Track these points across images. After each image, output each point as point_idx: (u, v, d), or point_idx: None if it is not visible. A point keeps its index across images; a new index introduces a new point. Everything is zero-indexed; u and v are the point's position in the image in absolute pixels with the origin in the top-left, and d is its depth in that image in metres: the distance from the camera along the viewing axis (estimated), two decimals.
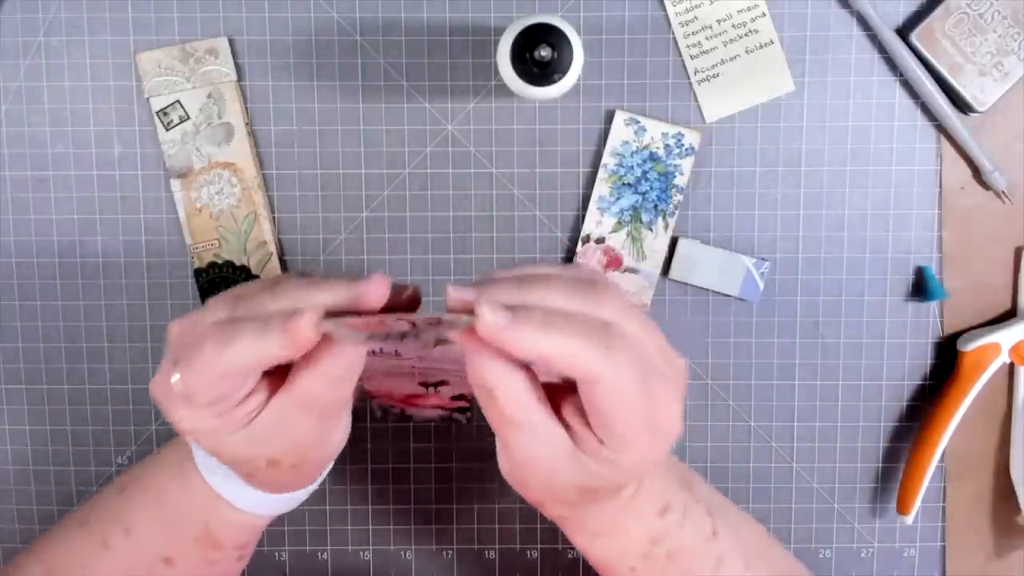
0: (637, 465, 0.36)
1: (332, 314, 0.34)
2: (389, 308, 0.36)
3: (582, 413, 0.36)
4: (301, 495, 0.45)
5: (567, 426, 0.36)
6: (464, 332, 0.33)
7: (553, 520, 0.42)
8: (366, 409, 0.59)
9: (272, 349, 0.33)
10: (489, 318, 0.32)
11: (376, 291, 0.35)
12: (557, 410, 0.36)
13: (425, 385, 0.42)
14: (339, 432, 0.40)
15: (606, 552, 0.42)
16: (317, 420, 0.37)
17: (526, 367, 0.35)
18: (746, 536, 0.45)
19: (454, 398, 0.43)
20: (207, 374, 0.34)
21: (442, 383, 0.41)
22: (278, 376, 0.37)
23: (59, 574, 0.45)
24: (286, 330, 0.33)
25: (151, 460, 0.47)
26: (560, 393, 0.37)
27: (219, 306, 0.37)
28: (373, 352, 0.37)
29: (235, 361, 0.34)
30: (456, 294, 0.34)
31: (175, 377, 0.35)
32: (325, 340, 0.34)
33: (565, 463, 0.36)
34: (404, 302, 0.38)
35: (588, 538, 0.42)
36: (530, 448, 0.36)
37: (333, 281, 0.36)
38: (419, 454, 0.60)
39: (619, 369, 0.33)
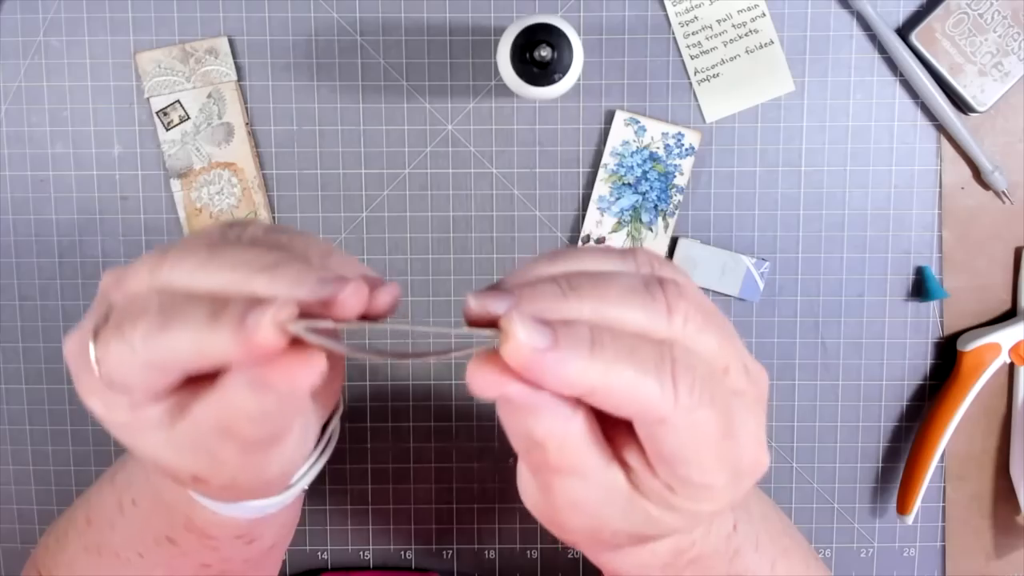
0: (715, 512, 0.30)
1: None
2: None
3: (637, 445, 0.29)
4: (273, 503, 0.38)
5: (625, 465, 0.29)
6: (486, 358, 0.25)
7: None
8: (365, 408, 0.59)
9: (218, 348, 0.25)
10: (522, 336, 0.24)
11: (353, 302, 0.26)
12: (610, 441, 0.29)
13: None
14: (282, 458, 0.31)
15: (627, 566, 0.37)
16: (240, 451, 0.29)
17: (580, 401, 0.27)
18: (755, 515, 0.42)
19: None
20: (131, 357, 0.27)
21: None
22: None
23: (95, 523, 0.43)
24: (242, 328, 0.25)
25: None
26: (612, 419, 0.29)
27: (162, 264, 0.28)
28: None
29: (169, 352, 0.26)
30: (478, 303, 0.26)
31: (92, 350, 0.28)
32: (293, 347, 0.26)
33: (620, 510, 0.29)
34: (377, 310, 0.28)
35: (609, 557, 0.36)
36: (578, 493, 0.29)
37: (296, 267, 0.27)
38: (419, 454, 0.60)
39: (689, 402, 0.26)
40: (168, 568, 0.41)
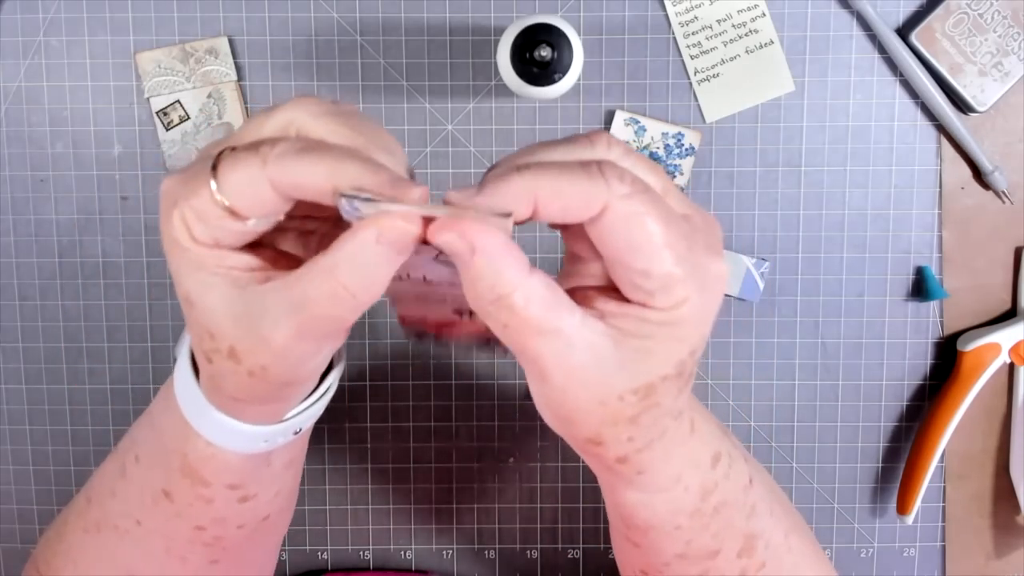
0: (692, 320, 0.32)
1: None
2: None
3: (613, 294, 0.32)
4: (260, 434, 0.38)
5: (600, 314, 0.32)
6: (443, 222, 0.29)
7: (610, 474, 0.37)
8: (365, 408, 0.59)
9: (359, 179, 0.29)
10: (455, 195, 0.29)
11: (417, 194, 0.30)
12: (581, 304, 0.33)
13: (459, 313, 0.37)
14: (316, 360, 0.34)
15: (658, 511, 0.38)
16: (295, 334, 0.32)
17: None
18: (764, 480, 0.43)
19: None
20: (259, 173, 0.30)
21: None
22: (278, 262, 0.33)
23: (95, 499, 0.44)
24: (402, 184, 0.29)
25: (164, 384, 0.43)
26: (585, 298, 0.33)
27: (292, 110, 0.32)
28: (399, 277, 0.33)
29: (304, 174, 0.29)
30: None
31: (212, 181, 0.31)
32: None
33: (613, 360, 0.32)
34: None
35: (645, 496, 0.37)
36: (571, 357, 0.31)
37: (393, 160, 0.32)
38: (419, 454, 0.60)
39: (621, 188, 0.29)
40: (164, 534, 0.41)
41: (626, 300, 0.32)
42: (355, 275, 0.30)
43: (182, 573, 0.42)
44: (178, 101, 0.57)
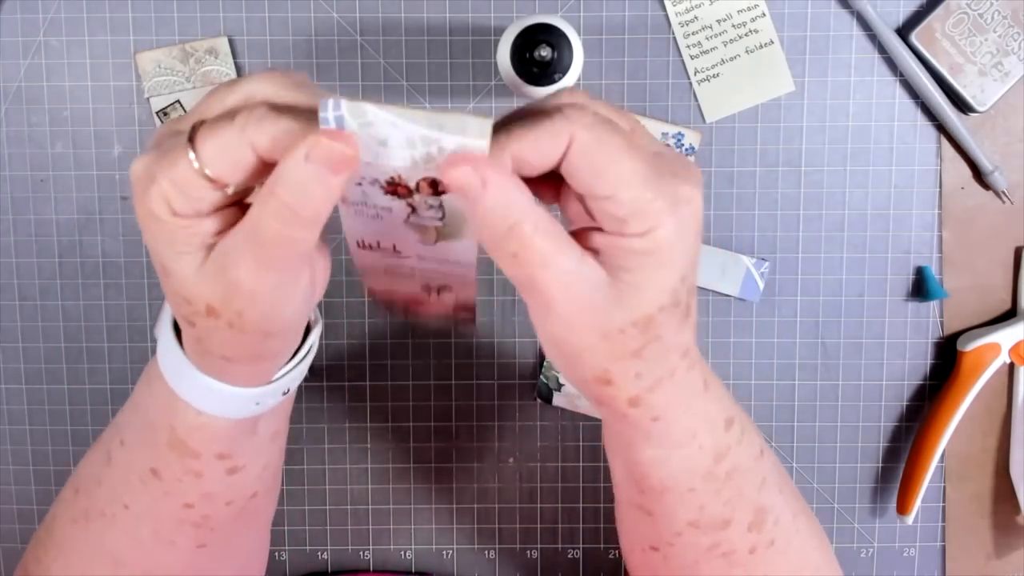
0: (672, 245, 0.33)
1: None
2: None
3: (597, 232, 0.33)
4: (251, 396, 0.39)
5: (593, 252, 0.34)
6: (452, 159, 0.30)
7: (625, 423, 0.37)
8: (365, 408, 0.59)
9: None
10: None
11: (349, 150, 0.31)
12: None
13: (427, 290, 0.38)
14: (289, 304, 0.35)
15: (673, 470, 0.38)
16: (257, 265, 0.33)
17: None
18: (774, 458, 0.44)
19: (457, 306, 0.39)
20: (238, 138, 0.31)
21: (444, 288, 0.38)
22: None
23: (82, 489, 0.45)
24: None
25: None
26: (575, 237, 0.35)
27: (247, 84, 0.34)
28: (370, 246, 0.34)
29: (278, 131, 0.31)
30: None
31: (191, 154, 0.32)
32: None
33: (611, 293, 0.33)
34: None
35: (661, 452, 0.38)
36: (574, 288, 0.33)
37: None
38: (419, 454, 0.60)
39: (582, 119, 0.31)
40: (152, 516, 0.41)
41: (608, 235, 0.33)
42: (289, 191, 0.31)
43: (170, 559, 0.43)
44: (178, 101, 0.57)
